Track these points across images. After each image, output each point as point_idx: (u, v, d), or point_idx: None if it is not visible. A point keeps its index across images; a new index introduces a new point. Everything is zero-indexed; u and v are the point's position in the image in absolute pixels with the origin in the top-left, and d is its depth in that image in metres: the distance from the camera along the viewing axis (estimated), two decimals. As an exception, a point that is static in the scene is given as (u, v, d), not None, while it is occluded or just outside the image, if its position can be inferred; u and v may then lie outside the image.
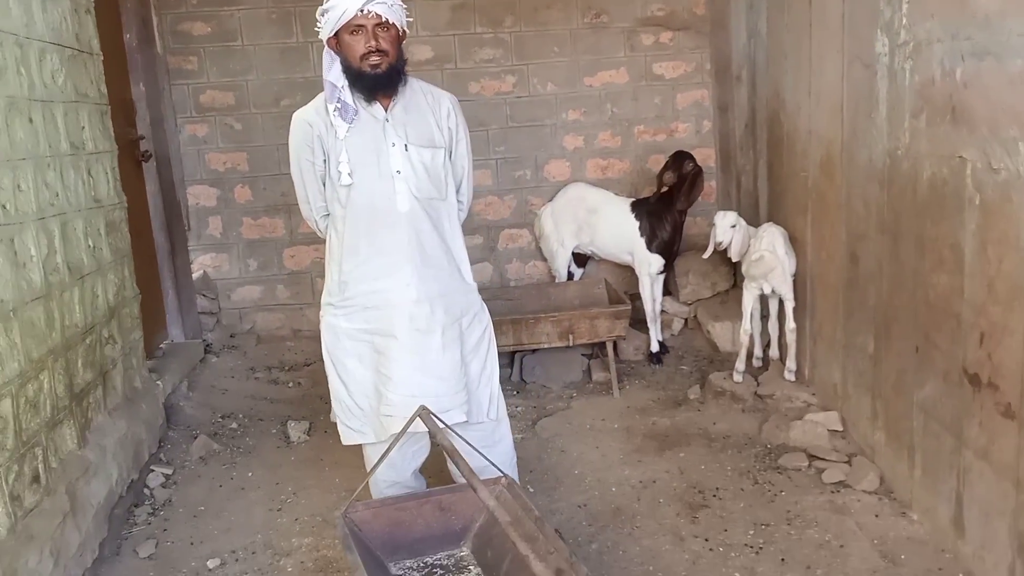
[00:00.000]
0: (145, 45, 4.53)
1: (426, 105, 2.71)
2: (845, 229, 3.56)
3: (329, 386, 2.82)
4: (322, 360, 4.99)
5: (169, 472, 3.75)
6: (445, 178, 2.72)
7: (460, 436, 2.55)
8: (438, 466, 3.21)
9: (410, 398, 2.58)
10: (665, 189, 4.57)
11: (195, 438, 4.03)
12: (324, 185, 2.68)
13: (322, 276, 5.19)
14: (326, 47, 2.61)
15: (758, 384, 4.22)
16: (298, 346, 5.27)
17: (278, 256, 5.27)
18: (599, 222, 4.79)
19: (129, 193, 3.83)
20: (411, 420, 2.34)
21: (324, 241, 2.80)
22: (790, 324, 4.05)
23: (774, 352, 4.41)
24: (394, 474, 2.81)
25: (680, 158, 4.45)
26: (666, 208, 4.57)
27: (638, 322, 4.88)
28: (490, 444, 2.81)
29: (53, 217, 2.94)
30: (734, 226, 4.20)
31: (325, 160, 2.63)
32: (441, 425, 2.39)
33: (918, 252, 2.92)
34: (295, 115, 2.69)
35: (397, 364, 2.63)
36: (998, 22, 2.35)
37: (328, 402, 4.51)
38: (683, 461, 3.66)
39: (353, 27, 2.49)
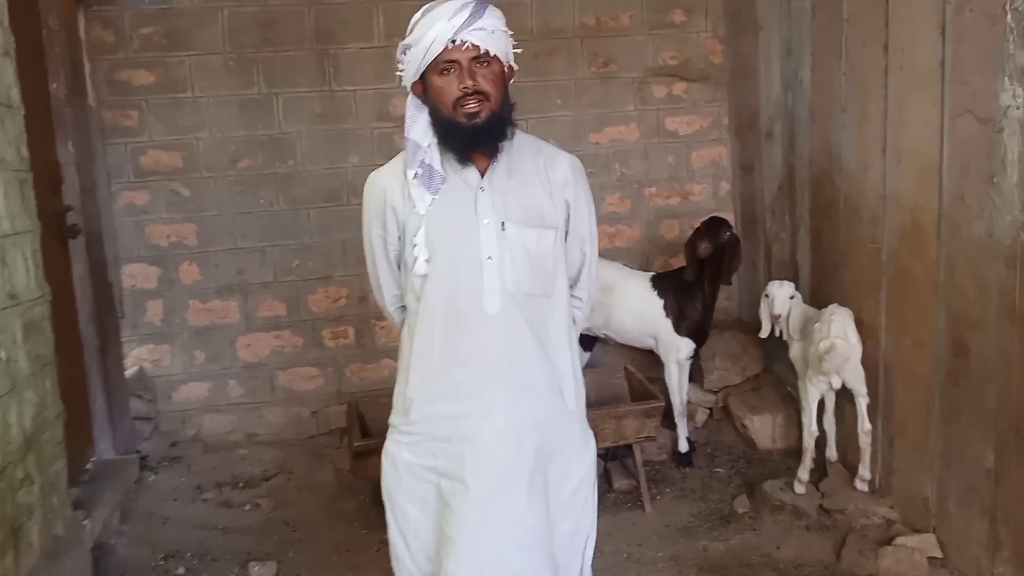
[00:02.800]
0: (75, 97, 3.75)
1: (534, 169, 2.02)
2: (945, 314, 2.95)
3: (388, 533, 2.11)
4: (286, 473, 4.34)
5: (99, 647, 2.88)
6: (553, 268, 2.03)
7: None
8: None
9: None
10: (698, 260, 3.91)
11: (132, 592, 3.16)
12: (400, 268, 2.06)
13: (283, 368, 4.53)
14: (411, 95, 1.97)
15: (821, 495, 3.54)
16: (254, 455, 4.41)
17: (231, 346, 4.46)
18: (615, 301, 4.10)
19: (53, 278, 3.02)
20: None
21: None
22: (865, 425, 3.40)
23: (830, 453, 3.75)
24: None
25: (716, 226, 3.81)
26: (696, 283, 3.92)
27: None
28: None
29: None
30: (792, 297, 3.62)
31: (400, 237, 2.01)
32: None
33: (1086, 351, 2.31)
34: (370, 177, 2.08)
35: (465, 524, 1.92)
36: None
37: (298, 531, 3.79)
38: (757, 605, 2.96)
39: (443, 64, 1.87)
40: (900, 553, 3.06)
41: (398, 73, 1.99)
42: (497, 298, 1.94)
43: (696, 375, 4.42)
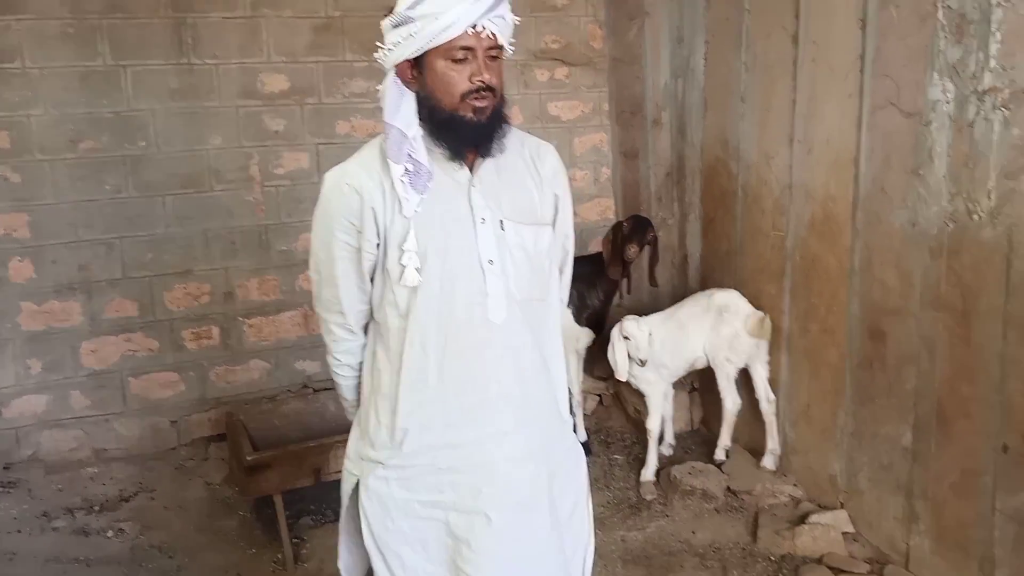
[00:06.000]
0: None
1: (521, 161, 1.83)
2: (860, 301, 3.06)
3: None
4: (147, 492, 3.85)
5: None
6: (548, 268, 1.86)
7: None
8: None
9: None
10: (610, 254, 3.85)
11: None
12: (371, 281, 1.78)
13: (136, 375, 4.01)
14: (392, 75, 1.68)
15: (728, 477, 3.61)
16: (106, 473, 3.89)
17: (72, 353, 3.88)
18: (509, 292, 3.98)
19: None
20: None
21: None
22: (770, 395, 3.51)
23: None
24: None
25: (643, 227, 3.75)
26: (597, 273, 3.85)
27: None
28: None
29: None
30: (651, 334, 3.57)
31: (379, 244, 1.72)
32: None
33: (1018, 335, 2.45)
34: (332, 175, 1.75)
35: (491, 561, 1.73)
36: None
37: (175, 558, 3.35)
38: (692, 595, 2.97)
39: (458, 51, 1.62)
40: (816, 531, 3.17)
41: (382, 47, 1.70)
42: (503, 306, 1.74)
43: (585, 363, 4.39)
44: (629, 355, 3.56)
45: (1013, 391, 2.48)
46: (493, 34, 1.63)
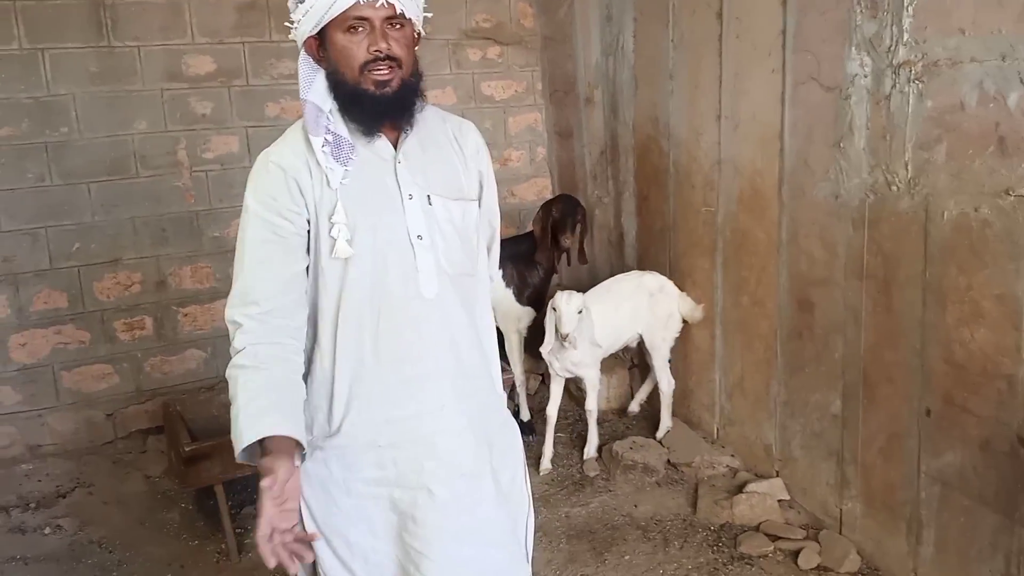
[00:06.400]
0: None
1: (446, 139, 1.82)
2: (788, 273, 3.13)
3: (319, 569, 1.81)
4: (85, 487, 3.77)
5: None
6: (477, 243, 1.86)
7: None
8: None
9: None
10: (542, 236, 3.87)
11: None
12: (305, 266, 1.73)
13: (68, 368, 3.92)
14: (303, 52, 1.69)
15: (668, 450, 3.68)
16: (41, 469, 3.82)
17: (1, 347, 3.78)
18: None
19: None
20: None
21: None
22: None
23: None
24: None
25: (572, 210, 3.75)
26: (536, 250, 3.87)
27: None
28: None
29: None
30: (581, 312, 3.45)
31: (309, 219, 1.69)
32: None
33: (936, 302, 2.53)
34: (260, 160, 1.73)
35: (437, 533, 1.73)
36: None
37: (115, 552, 3.30)
38: (633, 567, 3.02)
39: (352, 21, 1.61)
40: (753, 499, 3.25)
41: (288, 24, 1.70)
42: (434, 280, 1.73)
43: (527, 342, 4.41)
44: (557, 330, 3.53)
45: (933, 356, 2.56)
46: (390, 2, 1.60)
